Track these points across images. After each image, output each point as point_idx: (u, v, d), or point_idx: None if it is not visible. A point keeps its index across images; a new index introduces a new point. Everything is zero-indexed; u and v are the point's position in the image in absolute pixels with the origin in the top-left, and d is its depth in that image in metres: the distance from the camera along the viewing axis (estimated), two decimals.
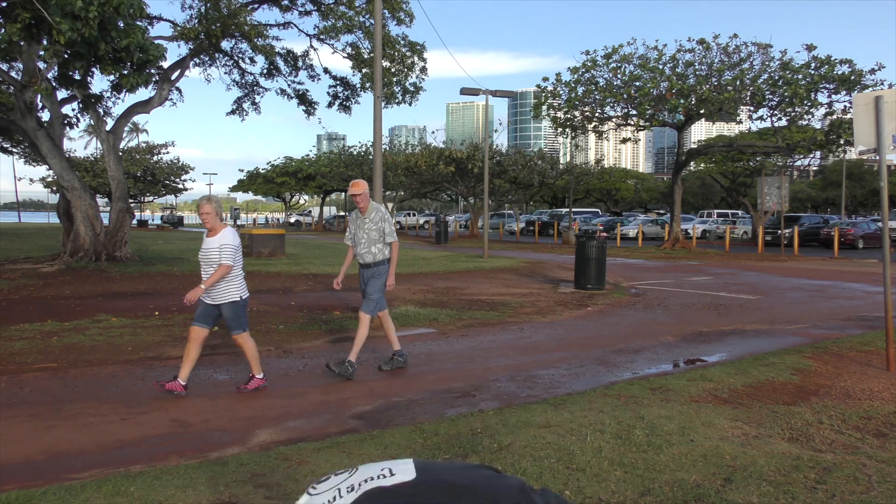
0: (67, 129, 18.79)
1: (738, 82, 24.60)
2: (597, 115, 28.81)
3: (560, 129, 29.55)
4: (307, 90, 22.24)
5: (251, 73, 22.17)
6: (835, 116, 25.57)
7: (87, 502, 3.52)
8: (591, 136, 32.24)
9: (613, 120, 29.17)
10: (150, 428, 4.91)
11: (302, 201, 78.82)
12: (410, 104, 21.65)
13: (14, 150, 29.43)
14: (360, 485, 0.94)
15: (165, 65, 17.63)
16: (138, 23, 14.21)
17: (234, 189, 67.39)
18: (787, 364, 6.86)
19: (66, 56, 13.15)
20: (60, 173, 16.47)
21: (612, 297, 12.73)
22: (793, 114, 25.82)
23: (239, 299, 5.79)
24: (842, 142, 26.87)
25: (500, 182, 38.64)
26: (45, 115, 17.00)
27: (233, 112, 22.63)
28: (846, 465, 4.06)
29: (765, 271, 18.78)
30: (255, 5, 19.68)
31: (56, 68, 15.08)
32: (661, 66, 25.96)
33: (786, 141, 26.71)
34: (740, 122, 30.12)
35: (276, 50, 20.40)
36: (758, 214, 30.22)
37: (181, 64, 19.02)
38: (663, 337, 8.72)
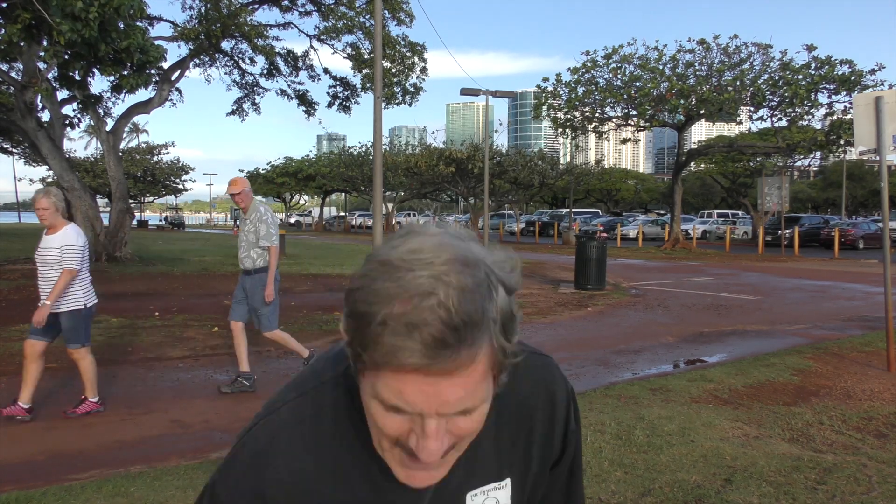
0: (68, 129, 18.82)
1: (738, 83, 24.60)
2: (597, 115, 28.82)
3: (560, 130, 29.55)
4: (307, 90, 22.26)
5: (251, 74, 22.18)
6: (835, 117, 25.57)
7: (87, 503, 3.52)
8: (592, 137, 32.23)
9: (613, 120, 29.18)
10: (150, 428, 4.91)
11: (302, 202, 78.83)
12: (410, 105, 21.65)
13: (14, 150, 29.44)
14: None
15: (165, 65, 17.65)
16: (138, 23, 14.23)
17: None
18: (788, 364, 6.86)
19: (66, 57, 13.16)
20: (60, 174, 16.48)
21: (612, 297, 12.73)
22: (793, 114, 25.83)
23: (82, 307, 5.01)
24: (842, 142, 26.87)
25: (500, 182, 38.63)
26: (46, 116, 17.02)
27: (233, 112, 22.64)
28: (847, 465, 4.06)
29: (765, 272, 18.78)
30: (256, 6, 19.69)
31: (56, 69, 15.09)
32: (661, 67, 25.97)
33: (786, 141, 26.71)
34: (740, 122, 30.13)
35: (277, 50, 20.42)
36: (758, 215, 30.23)
37: (181, 64, 19.03)
38: (664, 337, 8.72)
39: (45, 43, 13.35)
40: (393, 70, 20.40)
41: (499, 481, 0.86)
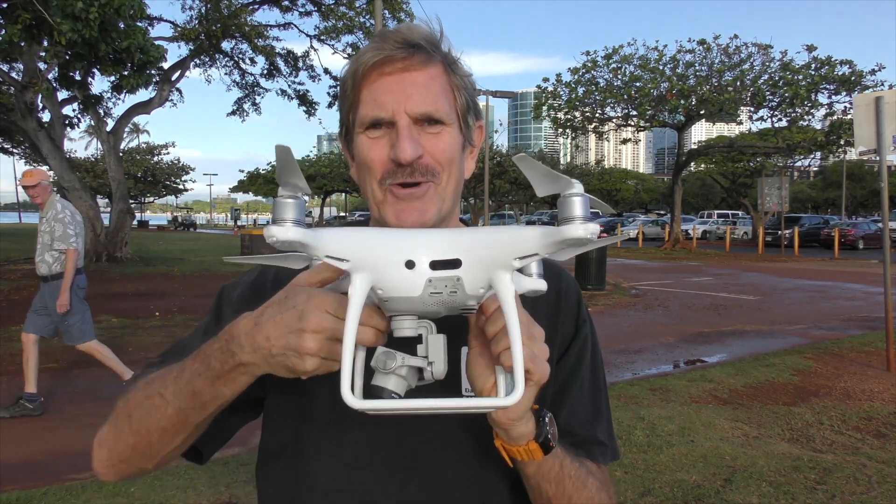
0: (68, 129, 18.82)
1: (738, 83, 24.61)
2: (597, 115, 28.82)
3: (560, 130, 29.55)
4: (308, 91, 22.25)
5: (251, 74, 22.17)
6: (835, 117, 25.57)
7: (87, 503, 3.53)
8: (592, 137, 32.25)
9: (614, 120, 29.18)
10: None
11: None
12: None
13: (15, 150, 29.43)
14: None
15: (166, 66, 17.65)
16: (139, 24, 14.24)
17: (234, 190, 67.33)
18: (788, 365, 6.86)
19: (66, 57, 13.17)
20: (61, 174, 16.48)
21: (612, 297, 12.73)
22: (793, 114, 25.82)
23: None
24: (842, 142, 26.86)
25: (500, 183, 38.63)
26: (46, 116, 17.02)
27: (233, 113, 22.63)
28: (846, 465, 4.06)
29: (765, 272, 18.78)
30: (256, 6, 19.70)
31: (57, 69, 15.10)
32: (661, 67, 25.97)
33: (786, 142, 26.71)
34: (741, 122, 30.12)
35: (277, 50, 20.42)
36: (758, 215, 30.23)
37: (181, 65, 19.04)
38: (663, 337, 8.72)
39: (45, 43, 13.35)
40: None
41: None
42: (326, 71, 22.27)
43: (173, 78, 18.72)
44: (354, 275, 0.65)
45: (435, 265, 0.66)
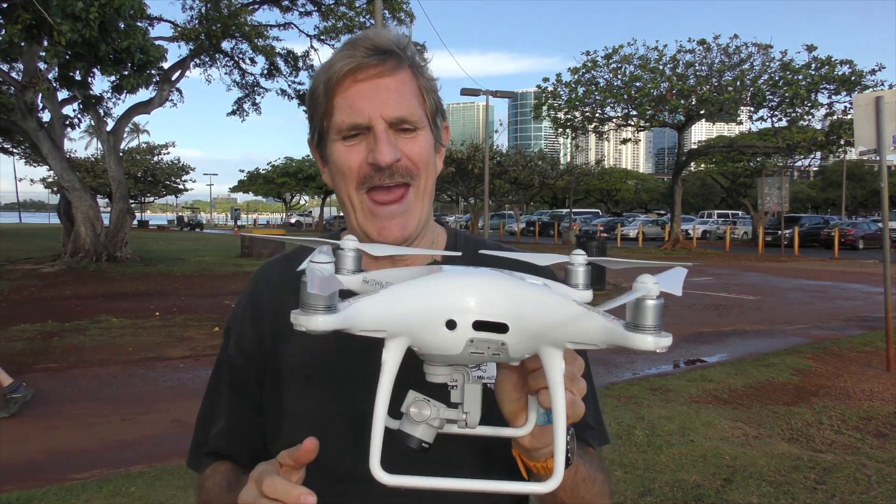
0: (68, 129, 18.84)
1: (738, 83, 24.61)
2: (597, 115, 28.83)
3: (560, 130, 29.56)
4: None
5: (251, 74, 22.17)
6: (835, 117, 25.57)
7: (87, 502, 3.53)
8: (592, 137, 32.27)
9: (614, 120, 29.19)
10: (150, 428, 4.92)
11: (302, 202, 78.80)
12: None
13: (15, 150, 29.44)
14: None
15: (166, 65, 17.66)
16: (139, 24, 14.25)
17: (234, 189, 67.40)
18: (787, 364, 6.87)
19: (66, 57, 13.17)
20: (61, 174, 16.49)
21: (612, 297, 12.73)
22: (793, 114, 25.82)
23: None
24: (842, 142, 26.87)
25: (500, 182, 38.63)
26: (46, 116, 17.03)
27: (233, 113, 22.63)
28: (846, 465, 4.06)
29: (765, 272, 18.78)
30: (256, 6, 19.70)
31: (57, 69, 15.11)
32: (661, 67, 25.97)
33: (786, 141, 26.71)
34: (741, 122, 30.13)
35: (277, 50, 20.42)
36: (758, 215, 30.23)
37: (181, 65, 19.04)
38: None
39: (45, 43, 13.36)
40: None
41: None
42: None
43: (173, 78, 18.72)
44: (389, 341, 0.60)
45: (479, 326, 0.60)
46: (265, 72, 21.63)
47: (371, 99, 0.86)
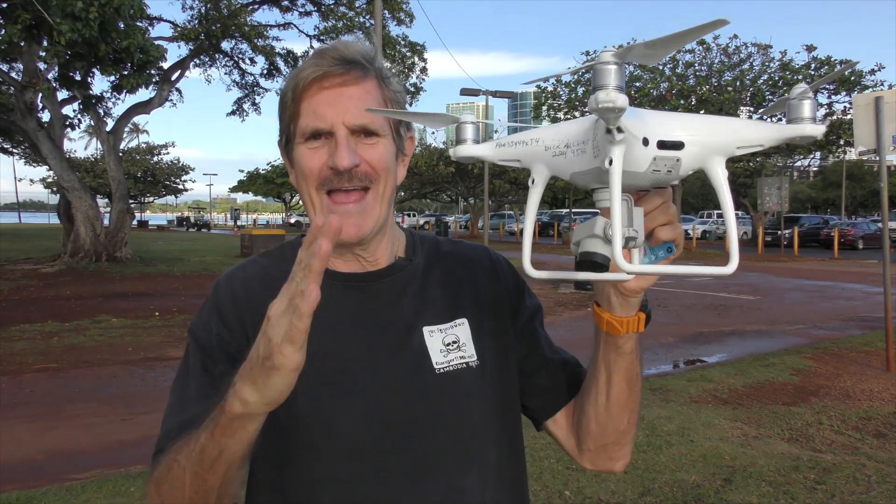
0: (68, 129, 18.85)
1: (738, 83, 24.64)
2: None
3: None
4: None
5: (251, 74, 22.18)
6: (835, 117, 25.58)
7: (87, 503, 3.53)
8: None
9: None
10: (150, 428, 4.90)
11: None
12: (410, 105, 21.64)
13: (14, 150, 29.44)
14: None
15: (166, 65, 17.67)
16: (138, 24, 14.26)
17: (234, 190, 67.38)
18: (787, 364, 6.87)
19: (66, 57, 13.18)
20: (61, 174, 16.49)
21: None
22: None
23: None
24: (842, 142, 26.88)
25: (500, 183, 38.64)
26: (46, 116, 17.03)
27: (233, 113, 22.65)
28: (846, 465, 4.07)
29: (765, 272, 18.79)
30: (256, 6, 19.71)
31: (56, 69, 15.11)
32: (661, 67, 25.98)
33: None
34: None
35: (277, 50, 20.44)
36: (758, 215, 30.23)
37: (181, 64, 19.04)
38: (663, 337, 8.72)
39: (45, 43, 13.37)
40: (393, 70, 20.39)
41: (455, 319, 1.01)
42: None
43: (173, 78, 18.72)
44: (616, 147, 0.68)
45: (662, 145, 0.70)
46: (265, 72, 21.65)
47: (335, 106, 0.91)
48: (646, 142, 0.70)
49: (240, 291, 0.99)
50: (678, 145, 0.71)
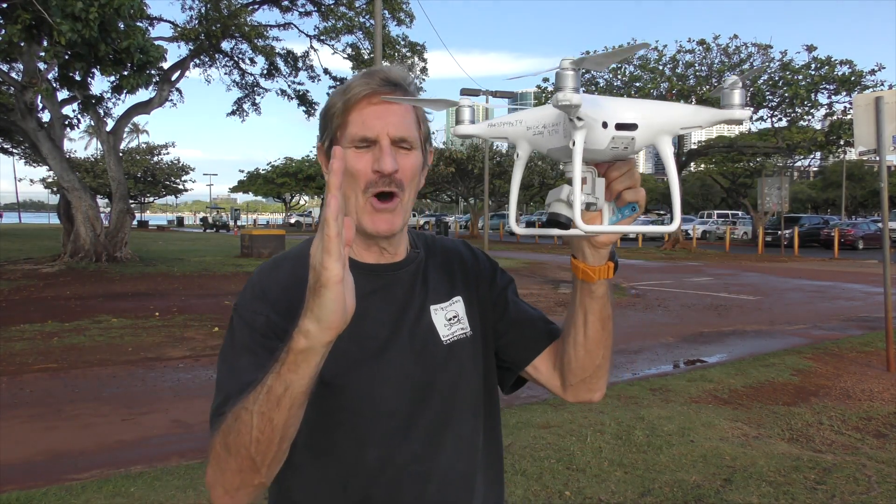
0: (68, 129, 18.82)
1: None
2: None
3: None
4: (307, 91, 22.25)
5: (251, 74, 22.16)
6: (835, 117, 25.58)
7: (87, 503, 3.53)
8: None
9: None
10: (150, 428, 4.92)
11: (302, 202, 78.76)
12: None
13: (14, 150, 29.44)
14: None
15: (166, 66, 17.65)
16: (138, 24, 14.25)
17: (234, 190, 67.30)
18: (787, 365, 6.87)
19: (66, 57, 13.18)
20: (61, 174, 16.49)
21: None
22: (793, 114, 25.82)
23: None
24: (842, 142, 26.88)
25: (500, 183, 38.62)
26: (46, 116, 17.02)
27: (233, 113, 22.64)
28: (846, 465, 4.06)
29: (765, 272, 18.78)
30: (256, 6, 19.70)
31: (56, 69, 15.11)
32: (661, 67, 25.99)
33: (786, 142, 26.70)
34: (740, 122, 30.13)
35: (277, 51, 20.43)
36: (758, 215, 30.23)
37: (181, 65, 19.04)
38: (663, 337, 8.72)
39: (45, 43, 13.36)
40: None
41: (452, 298, 1.21)
42: (326, 71, 22.28)
43: (173, 78, 18.71)
44: (578, 132, 0.82)
45: (619, 126, 0.86)
46: (265, 72, 21.64)
47: (381, 119, 1.07)
48: (605, 125, 0.84)
49: (287, 282, 1.10)
50: (632, 127, 0.86)
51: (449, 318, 1.18)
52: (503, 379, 1.26)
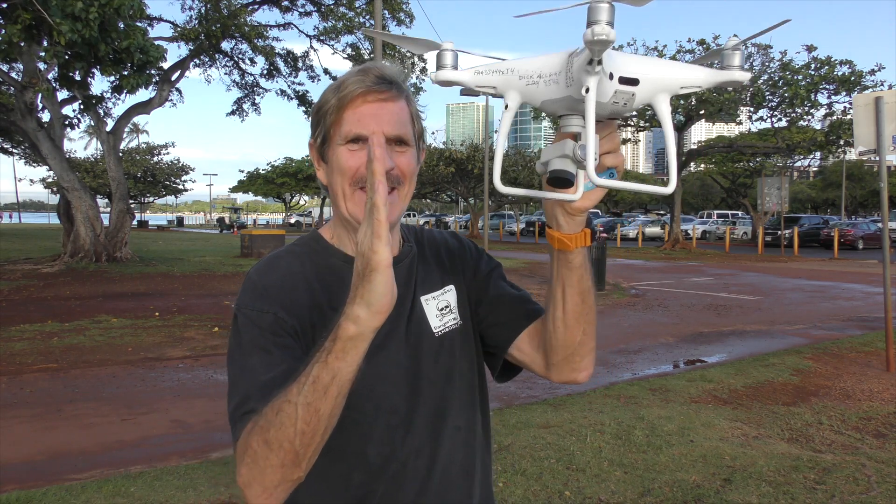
0: (68, 129, 18.82)
1: None
2: None
3: None
4: (307, 91, 22.24)
5: (251, 74, 22.15)
6: (835, 117, 25.56)
7: (87, 503, 3.53)
8: None
9: None
10: (150, 428, 4.92)
11: (302, 202, 78.71)
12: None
13: (14, 150, 29.44)
14: None
15: (165, 66, 17.65)
16: (138, 24, 14.25)
17: (234, 190, 67.26)
18: (787, 365, 6.87)
19: (66, 57, 13.17)
20: (61, 174, 16.48)
21: (611, 297, 12.74)
22: (793, 114, 25.80)
23: None
24: (842, 142, 26.86)
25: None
26: (46, 116, 17.01)
27: (233, 113, 22.62)
28: (846, 465, 4.07)
29: (765, 272, 18.78)
30: (256, 6, 19.69)
31: (56, 69, 15.10)
32: None
33: (786, 142, 26.69)
34: (740, 122, 30.11)
35: (276, 51, 20.41)
36: (758, 215, 30.22)
37: (181, 65, 19.03)
38: (663, 337, 8.72)
39: (45, 43, 13.36)
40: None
41: (444, 287, 1.21)
42: (326, 71, 22.27)
43: (173, 78, 18.71)
44: (593, 78, 0.78)
45: (622, 80, 0.82)
46: (265, 72, 21.62)
47: (376, 117, 1.06)
48: (611, 76, 0.81)
49: (286, 278, 1.11)
50: (634, 81, 0.83)
51: (441, 308, 1.19)
52: (491, 364, 1.25)
